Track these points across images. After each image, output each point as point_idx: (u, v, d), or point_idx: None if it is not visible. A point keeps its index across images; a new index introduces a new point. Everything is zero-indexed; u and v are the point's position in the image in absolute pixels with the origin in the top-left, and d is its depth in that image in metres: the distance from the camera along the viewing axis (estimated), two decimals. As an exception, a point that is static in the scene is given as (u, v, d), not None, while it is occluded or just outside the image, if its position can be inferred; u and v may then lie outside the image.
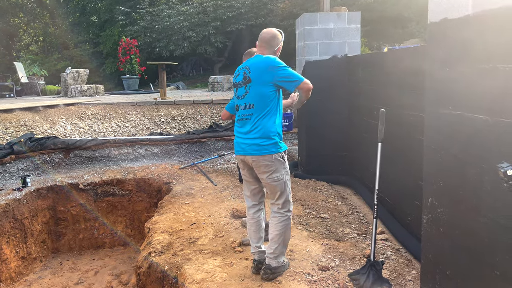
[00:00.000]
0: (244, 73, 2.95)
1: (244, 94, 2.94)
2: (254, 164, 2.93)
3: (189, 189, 5.56)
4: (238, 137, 3.03)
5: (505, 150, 1.77)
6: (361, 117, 5.17)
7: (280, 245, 3.02)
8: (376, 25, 14.00)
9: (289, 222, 3.03)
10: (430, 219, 2.46)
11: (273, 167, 2.88)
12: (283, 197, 2.97)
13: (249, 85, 2.91)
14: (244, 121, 2.96)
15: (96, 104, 8.84)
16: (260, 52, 3.01)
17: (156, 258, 3.67)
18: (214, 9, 15.81)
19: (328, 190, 5.42)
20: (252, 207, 3.18)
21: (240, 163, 3.08)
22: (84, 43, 20.95)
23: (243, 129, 2.97)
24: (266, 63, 2.86)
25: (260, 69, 2.87)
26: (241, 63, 3.74)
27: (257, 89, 2.87)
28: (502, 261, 1.84)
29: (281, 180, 2.93)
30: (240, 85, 2.99)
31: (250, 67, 2.93)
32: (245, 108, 2.94)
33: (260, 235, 3.16)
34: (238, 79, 3.03)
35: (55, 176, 6.37)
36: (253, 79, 2.89)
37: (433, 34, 2.35)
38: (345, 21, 5.69)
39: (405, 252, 3.62)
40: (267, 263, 3.05)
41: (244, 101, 2.94)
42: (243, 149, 2.96)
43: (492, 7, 1.82)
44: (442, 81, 2.26)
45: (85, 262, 5.95)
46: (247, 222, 3.20)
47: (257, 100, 2.88)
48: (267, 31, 3.02)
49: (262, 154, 2.87)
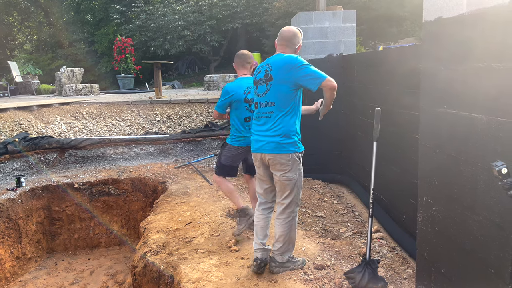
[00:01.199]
0: (266, 71, 2.94)
1: (265, 91, 2.92)
2: (270, 161, 2.91)
3: (185, 188, 5.55)
4: (257, 135, 3.01)
5: (500, 149, 1.78)
6: (357, 115, 5.18)
7: (285, 244, 3.02)
8: (371, 24, 14.02)
9: (294, 222, 3.02)
10: (425, 218, 2.47)
11: (289, 166, 2.88)
12: (290, 197, 2.95)
13: (270, 83, 2.89)
14: (265, 118, 2.94)
15: (91, 103, 8.80)
16: (281, 51, 2.98)
17: (152, 257, 3.65)
18: (209, 8, 15.78)
19: (324, 189, 5.43)
20: (263, 204, 3.17)
21: (256, 161, 3.06)
22: (79, 42, 20.83)
23: (263, 127, 2.95)
24: (288, 61, 2.83)
25: (282, 67, 2.85)
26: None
27: (278, 87, 2.85)
28: (496, 259, 1.85)
29: (293, 180, 2.92)
30: (261, 82, 2.97)
31: (272, 65, 2.91)
32: (265, 105, 2.92)
33: (266, 233, 3.14)
34: (259, 77, 3.01)
35: (50, 176, 6.34)
36: (275, 77, 2.87)
37: (428, 33, 2.35)
38: (341, 20, 5.70)
39: (400, 251, 3.64)
40: (271, 257, 3.08)
41: (265, 99, 2.93)
42: (261, 146, 2.94)
43: (487, 5, 1.82)
44: (437, 79, 2.26)
45: (80, 262, 5.93)
46: (255, 217, 3.18)
47: (278, 98, 2.86)
48: (287, 30, 2.98)
49: (280, 152, 2.86)
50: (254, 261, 3.10)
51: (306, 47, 5.73)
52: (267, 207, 3.17)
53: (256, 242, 3.13)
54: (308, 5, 13.20)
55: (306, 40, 5.72)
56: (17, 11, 22.47)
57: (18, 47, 23.81)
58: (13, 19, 22.93)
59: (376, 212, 4.10)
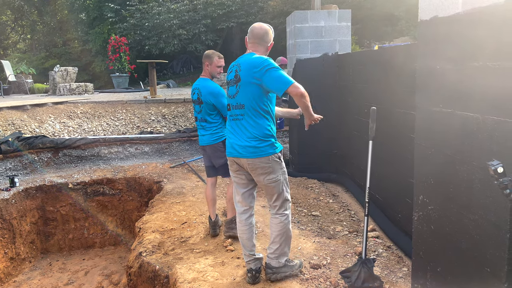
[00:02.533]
0: (236, 71, 2.83)
1: (236, 93, 2.81)
2: (250, 167, 2.80)
3: (180, 188, 5.53)
4: (231, 138, 2.88)
5: (495, 148, 1.78)
6: (352, 115, 5.18)
7: (281, 246, 2.93)
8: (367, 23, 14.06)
9: (289, 221, 2.94)
10: (421, 217, 2.47)
11: (270, 168, 2.78)
12: (280, 198, 2.89)
13: (239, 84, 2.78)
14: (237, 121, 2.83)
15: (86, 103, 8.74)
16: (253, 49, 2.85)
17: (147, 257, 3.64)
18: (204, 7, 15.74)
19: (319, 188, 5.43)
20: (243, 213, 3.02)
21: (233, 164, 2.94)
22: (73, 41, 20.71)
23: (237, 130, 2.83)
24: (256, 62, 2.70)
25: (249, 68, 2.72)
26: (231, 62, 3.71)
27: (248, 88, 2.74)
28: (492, 258, 1.85)
29: (278, 181, 2.83)
30: (231, 83, 2.87)
31: (241, 65, 2.79)
32: (236, 108, 2.82)
33: (253, 242, 3.03)
34: (229, 77, 2.90)
35: (44, 176, 6.30)
36: (243, 78, 2.76)
37: (424, 32, 2.35)
38: (336, 19, 5.70)
39: (396, 249, 3.64)
40: (267, 263, 3.00)
41: (235, 101, 2.82)
42: (237, 151, 2.82)
43: (482, 4, 1.82)
44: (433, 79, 2.27)
45: (75, 262, 5.89)
46: (239, 229, 3.04)
47: (248, 100, 2.74)
48: (259, 27, 2.86)
49: (259, 157, 2.75)
50: (248, 272, 3.00)
51: (301, 46, 5.72)
52: (249, 215, 3.03)
53: (246, 254, 3.01)
54: (303, 4, 13.21)
55: (301, 39, 5.72)
56: (10, 10, 22.31)
57: (12, 46, 23.63)
58: (6, 18, 22.77)
59: (371, 211, 4.10)
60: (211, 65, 3.77)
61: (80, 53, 19.45)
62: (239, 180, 2.99)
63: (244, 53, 2.90)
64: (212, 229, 3.93)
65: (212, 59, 3.76)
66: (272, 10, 14.48)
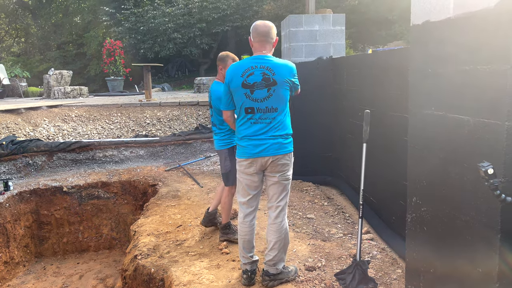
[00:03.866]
0: (264, 74, 2.75)
1: (267, 96, 2.76)
2: (272, 163, 2.83)
3: (175, 191, 5.53)
4: (254, 139, 2.83)
5: (486, 150, 1.81)
6: (346, 118, 5.22)
7: (279, 252, 2.93)
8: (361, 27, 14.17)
9: (287, 227, 2.96)
10: (414, 218, 2.49)
11: (288, 166, 2.89)
12: (285, 198, 2.94)
13: (274, 88, 2.75)
14: (264, 124, 2.80)
15: (80, 106, 8.73)
16: (261, 48, 2.83)
17: (142, 260, 3.64)
18: (199, 11, 15.78)
19: (314, 191, 5.46)
20: (248, 215, 3.01)
21: (251, 167, 2.88)
22: (67, 44, 20.66)
23: (263, 131, 2.81)
24: (292, 69, 2.85)
25: (286, 74, 2.79)
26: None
27: (282, 92, 2.79)
28: (483, 259, 1.88)
29: (289, 179, 2.94)
30: (259, 87, 2.76)
31: (274, 69, 2.76)
32: (267, 111, 2.78)
33: (253, 244, 3.05)
34: (253, 80, 2.76)
35: (38, 179, 6.27)
36: (279, 82, 2.76)
37: (416, 36, 2.38)
38: (330, 23, 5.75)
39: (390, 251, 3.67)
40: (265, 270, 3.00)
41: (265, 104, 2.77)
42: (262, 150, 2.80)
43: (473, 9, 1.86)
44: (425, 82, 2.30)
45: (69, 266, 5.87)
46: (241, 231, 3.01)
47: (282, 103, 2.81)
48: (263, 24, 2.84)
49: (284, 153, 2.84)
50: (244, 273, 3.01)
51: (296, 50, 5.76)
52: (253, 217, 3.04)
53: (244, 256, 3.00)
54: (297, 8, 13.29)
55: (296, 43, 5.75)
56: (4, 13, 22.22)
57: (6, 49, 23.53)
58: (0, 22, 22.66)
59: (366, 213, 4.13)
60: (225, 68, 3.58)
61: (74, 56, 19.41)
62: (251, 183, 2.94)
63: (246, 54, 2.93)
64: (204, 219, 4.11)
65: (226, 62, 3.62)
66: (267, 14, 14.56)
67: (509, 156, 1.71)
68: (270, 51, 2.89)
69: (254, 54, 2.87)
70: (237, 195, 3.09)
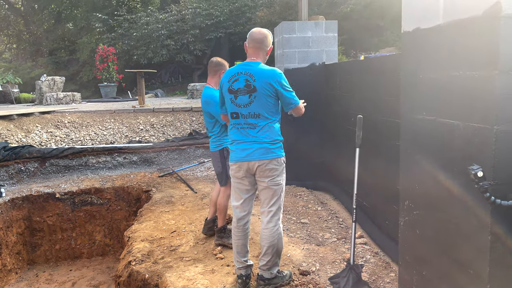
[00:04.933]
0: (247, 80, 2.81)
1: (249, 103, 2.81)
2: (259, 169, 2.84)
3: (169, 197, 5.52)
4: (241, 143, 2.89)
5: (475, 153, 1.85)
6: (339, 123, 5.26)
7: (273, 257, 2.93)
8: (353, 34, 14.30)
9: (281, 232, 2.94)
10: (407, 222, 2.53)
11: (278, 171, 2.87)
12: (277, 203, 2.92)
13: (254, 95, 2.79)
14: (249, 129, 2.85)
15: (73, 112, 8.70)
16: (254, 55, 2.89)
17: (137, 266, 3.63)
18: (192, 17, 15.84)
19: (308, 196, 5.49)
20: (242, 218, 3.03)
21: (239, 171, 2.93)
22: (60, 51, 20.60)
23: (248, 136, 2.85)
24: (274, 76, 2.79)
25: (267, 80, 2.78)
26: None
27: (264, 99, 2.80)
28: (474, 260, 1.91)
29: (280, 185, 2.91)
30: (241, 92, 2.83)
31: (255, 75, 2.80)
32: (250, 117, 2.83)
33: (247, 249, 3.06)
34: (237, 86, 2.85)
35: (31, 186, 6.23)
36: (259, 89, 2.78)
37: (407, 42, 2.43)
38: (323, 29, 5.81)
39: (383, 255, 3.70)
40: (259, 275, 3.00)
41: (248, 110, 2.82)
42: (248, 154, 2.84)
43: (462, 17, 1.91)
44: (416, 87, 2.34)
45: (62, 273, 5.82)
46: (235, 235, 3.04)
47: (264, 109, 2.81)
48: (258, 32, 2.91)
49: (271, 158, 2.83)
50: (238, 278, 3.02)
51: (289, 56, 5.81)
52: (246, 221, 3.05)
53: (238, 261, 3.02)
54: (290, 15, 13.39)
55: (289, 50, 5.80)
56: (-4, 20, 22.12)
57: (-3, 55, 23.39)
58: (-8, 28, 22.55)
59: (359, 218, 4.16)
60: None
61: (67, 62, 19.34)
62: (242, 186, 2.99)
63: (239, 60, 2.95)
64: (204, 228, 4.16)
65: (226, 67, 3.74)
66: (260, 20, 14.64)
67: (498, 159, 1.76)
68: (263, 58, 2.93)
69: (246, 60, 2.95)
70: (231, 199, 3.13)
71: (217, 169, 3.83)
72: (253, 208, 3.19)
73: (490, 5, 1.72)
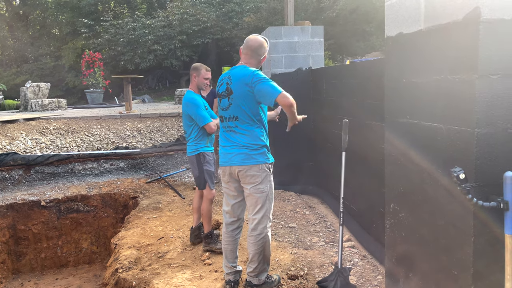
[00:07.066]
0: (227, 83, 2.84)
1: (228, 106, 2.83)
2: (240, 174, 2.81)
3: (157, 203, 5.48)
4: (224, 147, 2.91)
5: (457, 156, 1.89)
6: (326, 127, 5.30)
7: (260, 264, 2.90)
8: (339, 39, 14.44)
9: (268, 239, 2.89)
10: (393, 224, 2.55)
11: (260, 178, 2.79)
12: (262, 211, 2.84)
13: (231, 97, 2.80)
14: (231, 132, 2.86)
15: (59, 119, 8.60)
16: (245, 60, 2.88)
17: (124, 274, 3.59)
18: (179, 23, 15.82)
19: (296, 200, 5.50)
20: (231, 224, 3.02)
21: (225, 175, 2.95)
22: (45, 56, 20.37)
23: (231, 139, 2.86)
24: (246, 75, 2.74)
25: (240, 82, 2.76)
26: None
27: (240, 101, 2.77)
28: (458, 261, 1.94)
29: (265, 192, 2.82)
30: (223, 96, 2.87)
31: (232, 78, 2.82)
32: (230, 120, 2.84)
33: (236, 255, 3.04)
34: (221, 89, 2.91)
35: (15, 194, 6.13)
36: (235, 91, 2.79)
37: (390, 47, 2.47)
38: (309, 34, 5.85)
39: (371, 258, 3.72)
40: (247, 281, 2.99)
41: (228, 113, 2.85)
42: (229, 159, 2.84)
43: (442, 22, 1.95)
44: (400, 91, 2.38)
45: (47, 282, 5.72)
46: (224, 240, 3.04)
47: (241, 112, 2.78)
48: (254, 39, 2.89)
49: (250, 164, 2.77)
50: (226, 284, 3.01)
51: (276, 61, 5.84)
52: (236, 227, 3.03)
53: (226, 266, 3.02)
54: (277, 20, 13.47)
55: (276, 54, 5.83)
56: (-21, 25, 21.80)
57: (-19, 62, 23.02)
58: (-25, 33, 22.20)
59: (347, 221, 4.18)
60: (199, 77, 3.84)
61: (52, 68, 19.13)
62: (229, 191, 3.00)
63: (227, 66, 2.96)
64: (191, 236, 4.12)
65: (200, 71, 3.83)
66: (247, 26, 14.70)
67: (479, 161, 1.79)
68: (255, 65, 2.90)
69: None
70: (223, 204, 3.14)
71: (195, 173, 3.87)
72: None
73: (470, 10, 1.76)
